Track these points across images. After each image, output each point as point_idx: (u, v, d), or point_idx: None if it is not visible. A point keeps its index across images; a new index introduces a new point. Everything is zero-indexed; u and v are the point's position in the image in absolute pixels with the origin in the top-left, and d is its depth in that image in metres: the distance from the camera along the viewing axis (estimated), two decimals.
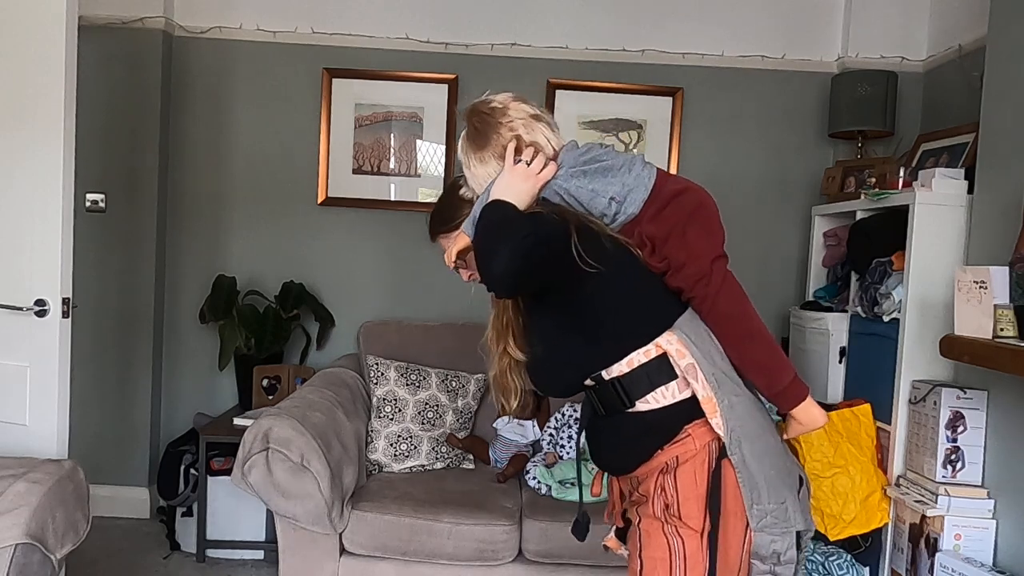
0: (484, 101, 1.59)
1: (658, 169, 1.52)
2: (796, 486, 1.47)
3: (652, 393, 1.42)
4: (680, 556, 1.40)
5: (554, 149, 1.52)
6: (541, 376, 1.55)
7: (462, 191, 1.65)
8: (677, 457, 1.42)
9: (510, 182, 1.44)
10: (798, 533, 1.44)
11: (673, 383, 1.41)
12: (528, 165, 1.45)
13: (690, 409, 1.41)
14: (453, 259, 1.52)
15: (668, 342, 1.40)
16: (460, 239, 1.49)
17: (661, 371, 1.41)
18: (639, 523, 1.47)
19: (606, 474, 1.68)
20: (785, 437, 1.54)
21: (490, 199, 1.42)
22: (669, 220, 1.44)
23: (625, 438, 1.48)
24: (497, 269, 1.33)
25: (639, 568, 1.45)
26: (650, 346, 1.41)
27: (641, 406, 1.43)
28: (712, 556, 1.38)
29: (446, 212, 1.67)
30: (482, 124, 1.55)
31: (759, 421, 1.44)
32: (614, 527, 1.64)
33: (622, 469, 1.54)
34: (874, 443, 2.49)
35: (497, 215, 1.39)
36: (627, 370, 1.42)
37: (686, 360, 1.40)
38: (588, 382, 1.47)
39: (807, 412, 1.49)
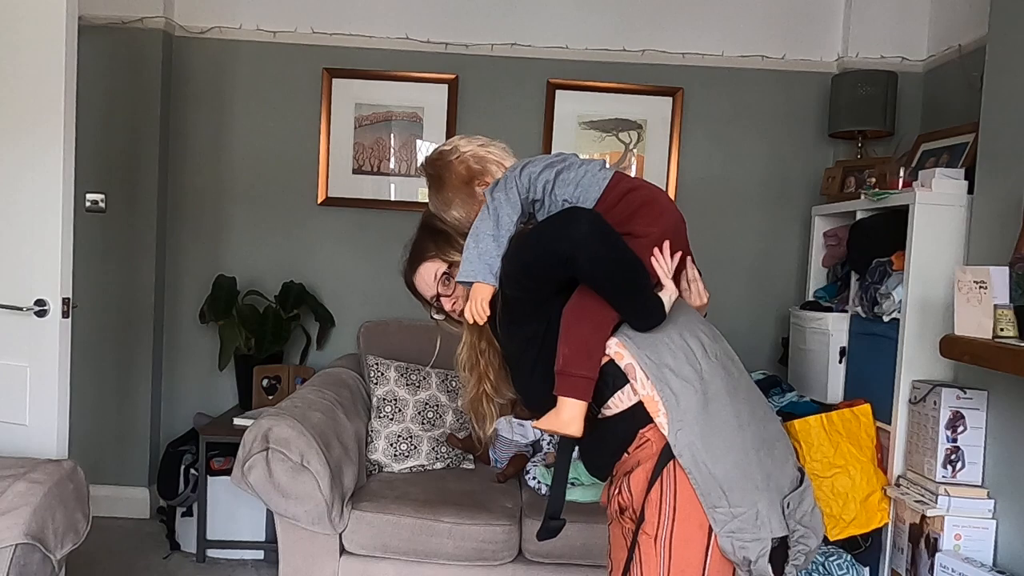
0: (432, 151, 1.69)
1: (617, 172, 1.58)
2: (781, 489, 1.41)
3: (611, 399, 1.47)
4: (637, 561, 1.42)
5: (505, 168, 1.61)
6: (529, 400, 1.60)
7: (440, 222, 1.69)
8: (639, 461, 1.44)
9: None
10: (784, 540, 1.39)
11: (627, 386, 1.45)
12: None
13: (643, 412, 1.43)
14: (484, 311, 1.50)
15: (609, 346, 1.46)
16: (481, 289, 1.49)
17: (616, 375, 1.46)
18: (609, 525, 1.57)
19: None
20: (533, 424, 1.54)
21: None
22: (615, 216, 1.50)
23: (599, 444, 1.53)
24: (579, 236, 1.40)
25: (610, 568, 1.56)
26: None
27: (606, 411, 1.48)
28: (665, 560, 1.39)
29: (419, 245, 1.72)
30: (435, 169, 1.64)
31: (723, 418, 1.41)
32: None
33: (602, 475, 1.59)
34: (874, 443, 2.49)
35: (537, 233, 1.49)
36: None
37: (624, 362, 1.45)
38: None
39: (565, 408, 1.45)
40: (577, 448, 1.59)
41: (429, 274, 1.67)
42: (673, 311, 1.49)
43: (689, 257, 1.61)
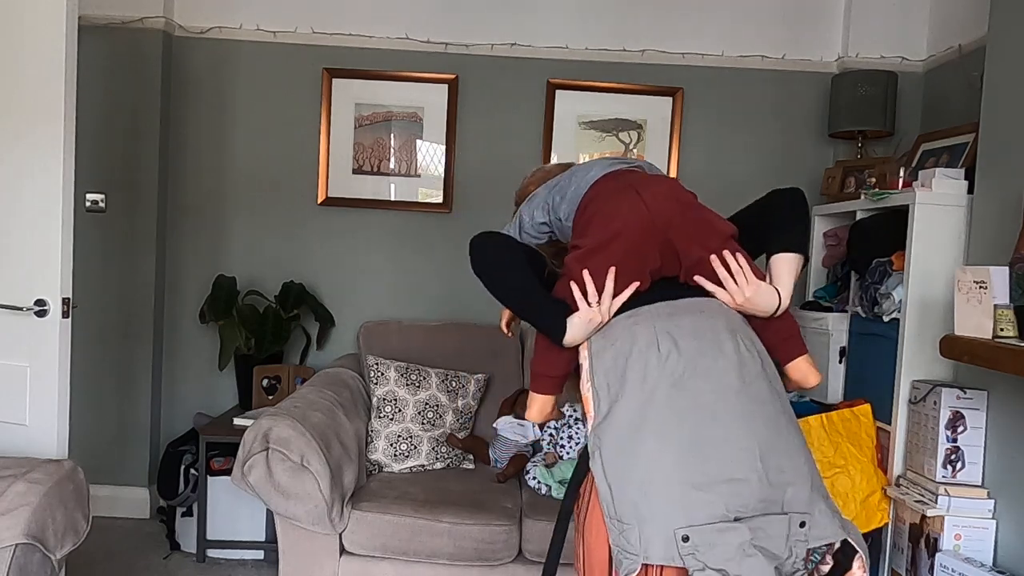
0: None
1: (604, 175, 1.61)
2: (687, 519, 1.32)
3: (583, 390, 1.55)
4: (580, 532, 1.51)
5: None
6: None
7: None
8: None
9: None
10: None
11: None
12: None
13: None
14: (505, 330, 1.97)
15: (581, 347, 1.56)
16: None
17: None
18: None
19: None
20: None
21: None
22: (578, 227, 1.61)
23: None
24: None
25: None
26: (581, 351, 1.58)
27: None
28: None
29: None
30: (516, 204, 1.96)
31: (644, 433, 1.37)
32: None
33: None
34: (874, 443, 2.48)
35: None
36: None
37: (583, 361, 1.54)
38: None
39: (531, 400, 1.67)
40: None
41: None
42: (663, 315, 1.49)
43: (713, 256, 1.54)
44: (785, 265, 1.58)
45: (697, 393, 1.40)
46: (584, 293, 1.51)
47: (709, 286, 1.55)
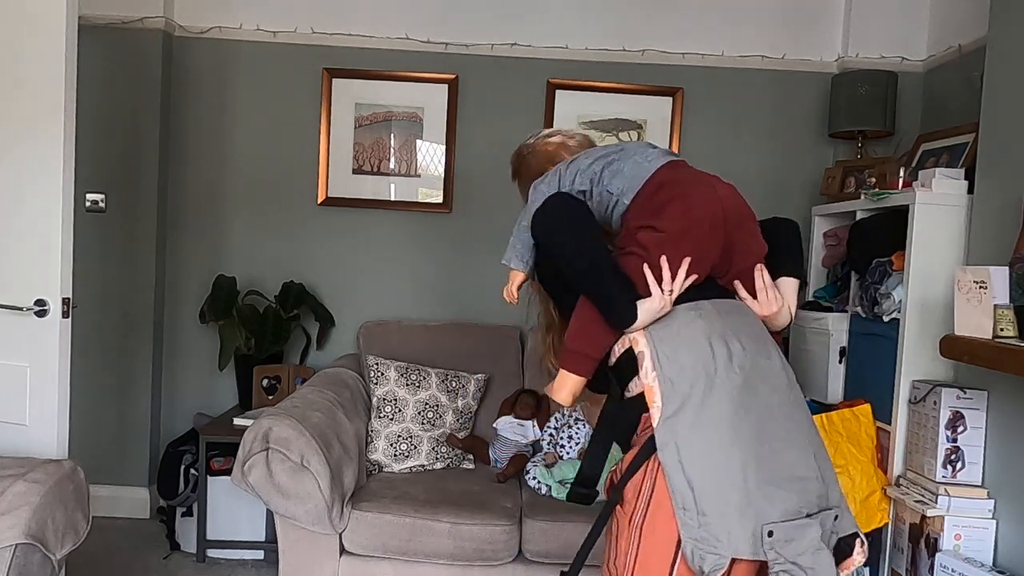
0: (522, 144, 1.89)
1: (670, 162, 1.59)
2: (765, 515, 1.35)
3: (631, 382, 1.50)
4: (613, 535, 1.46)
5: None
6: None
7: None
8: (638, 444, 1.47)
9: None
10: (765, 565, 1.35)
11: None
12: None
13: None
14: (514, 296, 1.74)
15: (630, 333, 1.51)
16: (514, 275, 1.72)
17: (635, 360, 1.49)
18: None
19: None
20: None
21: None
22: (648, 209, 1.55)
23: (618, 423, 1.55)
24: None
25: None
26: (624, 338, 1.52)
27: (627, 393, 1.52)
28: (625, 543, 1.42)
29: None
30: (514, 163, 1.89)
31: (715, 427, 1.39)
32: None
33: (625, 450, 1.59)
34: (874, 443, 2.48)
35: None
36: (614, 360, 1.55)
37: (638, 348, 1.48)
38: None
39: (560, 377, 1.57)
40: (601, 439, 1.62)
41: None
42: (722, 312, 1.50)
43: (759, 265, 1.60)
44: (791, 287, 1.66)
45: (761, 392, 1.44)
46: (659, 279, 1.48)
47: (745, 294, 1.60)
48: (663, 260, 1.48)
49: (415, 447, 2.89)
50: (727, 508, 1.35)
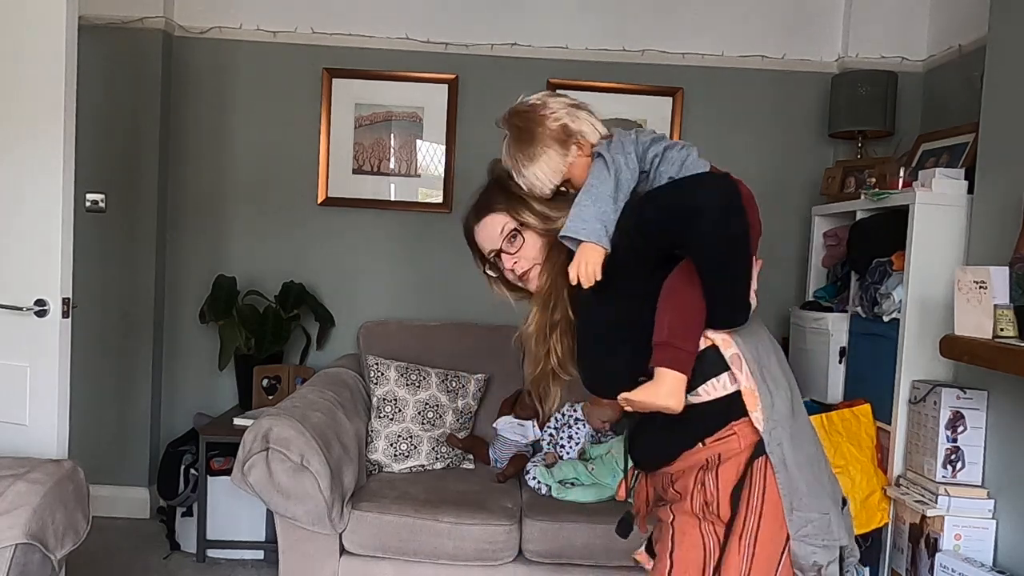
0: (520, 103, 1.55)
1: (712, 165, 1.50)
2: (840, 502, 1.44)
3: (704, 385, 1.39)
4: (714, 555, 1.38)
5: (600, 134, 1.54)
6: (598, 376, 1.51)
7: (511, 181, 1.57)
8: (720, 455, 1.39)
9: None
10: (841, 549, 1.41)
11: (724, 375, 1.38)
12: None
13: (739, 404, 1.38)
14: (595, 275, 1.39)
15: (713, 333, 1.39)
16: (593, 251, 1.38)
17: (713, 362, 1.39)
18: (672, 521, 1.44)
19: (635, 478, 1.61)
20: (623, 396, 1.40)
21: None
22: None
23: (668, 431, 1.43)
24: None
25: (668, 569, 1.41)
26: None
27: (693, 399, 1.38)
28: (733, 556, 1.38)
29: (490, 195, 1.63)
30: (524, 122, 1.51)
31: (803, 427, 1.43)
32: (645, 541, 1.61)
33: (663, 460, 1.48)
34: (874, 443, 2.49)
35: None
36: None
37: (731, 350, 1.39)
38: (642, 378, 1.38)
39: (666, 380, 1.34)
40: (627, 438, 1.55)
41: (496, 226, 1.59)
42: (756, 320, 1.48)
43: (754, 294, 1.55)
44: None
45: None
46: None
47: None
48: (754, 259, 1.41)
49: (415, 447, 2.89)
50: (826, 500, 1.39)
